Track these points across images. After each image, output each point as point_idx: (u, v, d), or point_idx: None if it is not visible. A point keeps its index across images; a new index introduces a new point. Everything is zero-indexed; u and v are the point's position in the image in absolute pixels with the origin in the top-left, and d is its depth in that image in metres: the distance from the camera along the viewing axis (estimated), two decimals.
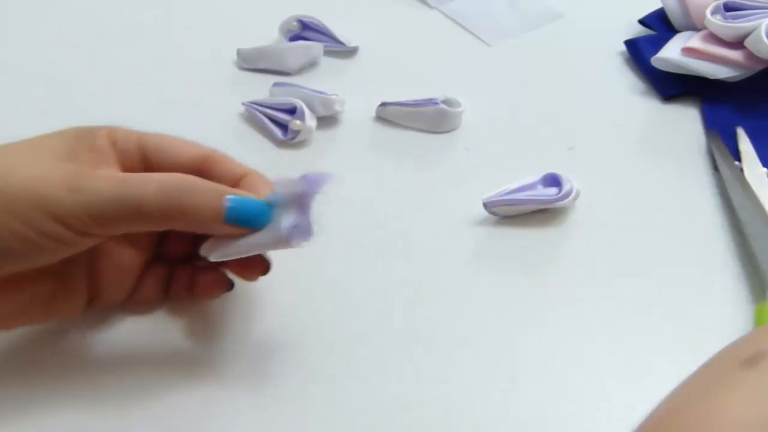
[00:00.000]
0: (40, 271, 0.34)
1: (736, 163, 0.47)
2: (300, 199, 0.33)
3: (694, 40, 0.51)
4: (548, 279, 0.42)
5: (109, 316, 0.39)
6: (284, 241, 0.34)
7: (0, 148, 0.34)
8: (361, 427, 0.36)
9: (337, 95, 0.50)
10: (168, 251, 0.39)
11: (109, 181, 0.32)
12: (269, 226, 0.34)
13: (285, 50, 0.54)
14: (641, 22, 0.57)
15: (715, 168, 0.48)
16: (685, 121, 0.51)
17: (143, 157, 0.36)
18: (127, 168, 0.36)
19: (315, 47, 0.54)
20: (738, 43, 0.50)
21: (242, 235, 0.34)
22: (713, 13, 0.51)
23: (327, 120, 0.50)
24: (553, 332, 0.39)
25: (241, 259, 0.35)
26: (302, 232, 0.33)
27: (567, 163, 0.47)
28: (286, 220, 0.34)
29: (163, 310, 0.40)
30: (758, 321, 0.38)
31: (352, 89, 0.52)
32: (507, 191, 0.44)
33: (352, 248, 0.43)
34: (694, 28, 0.53)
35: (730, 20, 0.50)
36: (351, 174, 0.47)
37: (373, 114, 0.51)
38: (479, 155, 0.49)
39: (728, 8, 0.51)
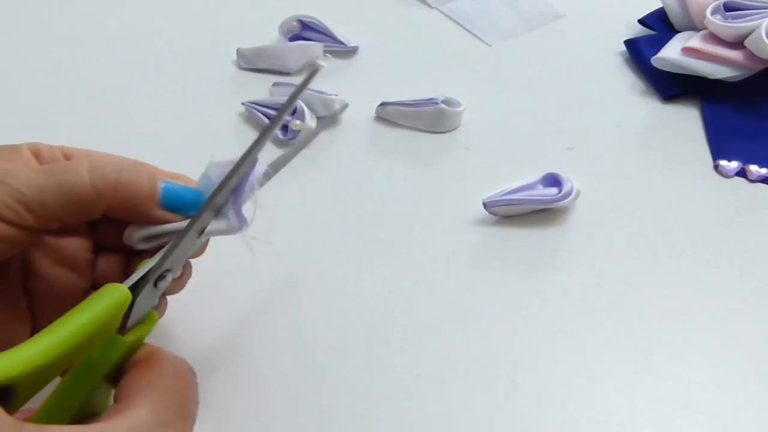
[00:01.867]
0: None
1: (737, 163, 0.47)
2: (235, 188, 0.33)
3: (694, 40, 0.51)
4: (548, 279, 0.42)
5: None
6: (222, 231, 0.33)
7: None
8: (361, 427, 0.36)
9: (337, 95, 0.50)
10: (103, 277, 0.36)
11: (38, 170, 0.31)
12: (199, 214, 0.33)
13: (285, 50, 0.54)
14: (641, 22, 0.58)
15: (716, 168, 0.48)
16: (685, 121, 0.51)
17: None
18: None
19: (315, 47, 0.54)
20: (738, 43, 0.50)
21: (168, 222, 0.33)
22: (713, 13, 0.51)
23: (327, 120, 0.50)
24: (553, 332, 0.39)
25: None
26: (233, 222, 0.33)
27: (567, 163, 0.47)
28: (216, 208, 0.33)
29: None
30: None
31: (352, 89, 0.52)
32: (507, 191, 0.44)
33: (352, 248, 0.43)
34: (694, 28, 0.53)
35: (730, 20, 0.50)
36: (351, 174, 0.47)
37: (373, 114, 0.51)
38: (479, 155, 0.49)
39: (728, 8, 0.51)
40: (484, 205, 0.44)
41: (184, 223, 0.33)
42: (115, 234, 0.35)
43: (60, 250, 0.35)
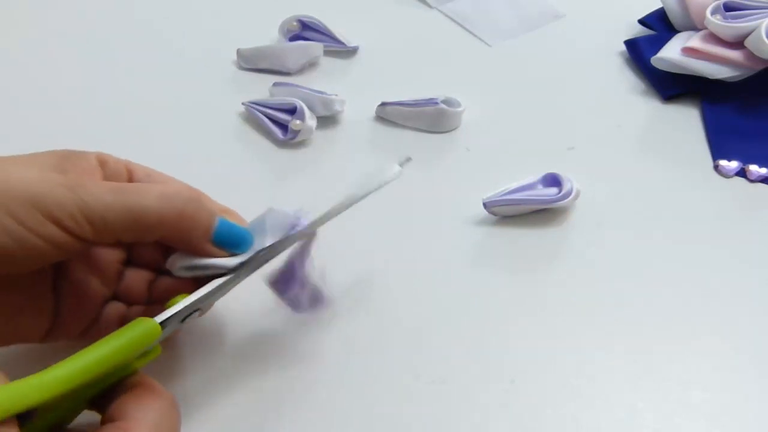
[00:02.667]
0: (3, 287, 0.33)
1: (737, 163, 0.47)
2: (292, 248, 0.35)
3: (694, 40, 0.51)
4: (548, 279, 0.42)
5: None
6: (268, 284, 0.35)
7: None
8: (361, 427, 0.36)
9: (337, 95, 0.50)
10: (125, 292, 0.37)
11: (108, 186, 0.32)
12: (248, 262, 0.34)
13: (285, 50, 0.54)
14: (641, 22, 0.58)
15: (716, 168, 0.48)
16: (685, 121, 0.51)
17: (129, 181, 0.36)
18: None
19: (315, 47, 0.54)
20: (738, 43, 0.50)
21: (213, 256, 0.34)
22: (713, 13, 0.51)
23: (327, 120, 0.50)
24: (553, 332, 0.39)
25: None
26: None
27: (567, 163, 0.47)
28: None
29: None
30: None
31: (352, 89, 0.52)
32: (507, 191, 0.44)
33: (352, 248, 0.43)
34: (694, 28, 0.53)
35: (730, 20, 0.50)
36: (351, 174, 0.47)
37: (373, 114, 0.51)
38: (479, 155, 0.49)
39: (728, 8, 0.51)
40: (484, 205, 0.44)
41: (227, 260, 0.34)
42: (149, 252, 0.37)
43: (94, 258, 0.36)
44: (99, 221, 0.31)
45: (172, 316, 0.32)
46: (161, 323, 0.31)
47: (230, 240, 0.34)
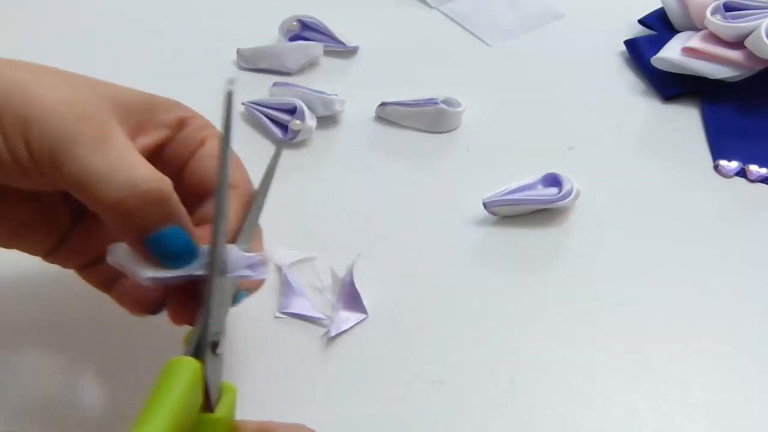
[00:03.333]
0: (21, 194, 0.33)
1: (737, 163, 0.47)
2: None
3: (694, 40, 0.51)
4: (548, 279, 0.42)
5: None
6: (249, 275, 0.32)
7: (71, 74, 0.34)
8: (362, 427, 0.36)
9: (337, 95, 0.50)
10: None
11: (101, 144, 0.31)
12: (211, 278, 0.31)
13: (285, 50, 0.54)
14: (641, 22, 0.57)
15: (716, 168, 0.48)
16: (685, 121, 0.51)
17: (192, 153, 0.35)
18: (168, 152, 0.35)
19: (315, 47, 0.54)
20: (738, 43, 0.50)
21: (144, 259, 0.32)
22: (713, 13, 0.51)
23: (327, 120, 0.50)
24: (553, 332, 0.39)
25: (181, 294, 0.33)
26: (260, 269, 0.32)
27: (567, 163, 0.47)
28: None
29: None
30: None
31: (352, 89, 0.52)
32: (507, 191, 0.44)
33: (351, 248, 0.43)
34: (694, 28, 0.53)
35: (730, 20, 0.50)
36: (351, 174, 0.47)
37: (373, 114, 0.51)
38: (479, 155, 0.49)
39: (728, 8, 0.51)
40: (484, 205, 0.44)
41: (143, 270, 0.31)
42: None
43: None
44: (57, 168, 0.30)
45: (195, 350, 0.30)
46: (194, 356, 0.30)
47: (164, 253, 0.31)
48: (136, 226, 0.31)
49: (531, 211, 0.44)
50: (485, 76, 0.54)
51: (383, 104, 0.50)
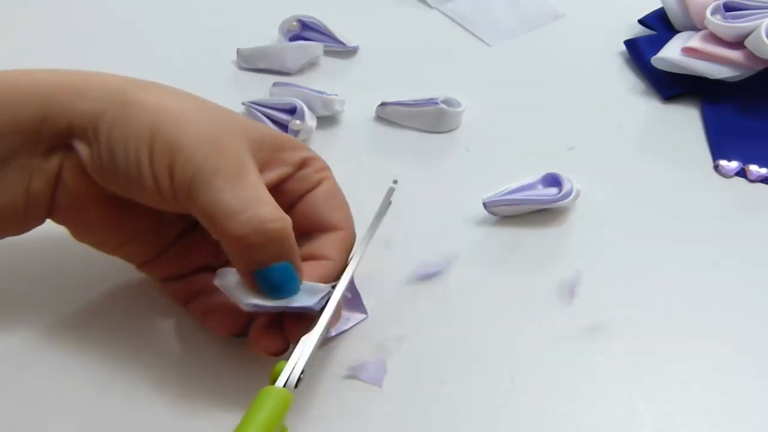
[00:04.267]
0: (146, 210, 0.36)
1: (737, 163, 0.47)
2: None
3: (694, 40, 0.51)
4: (548, 279, 0.42)
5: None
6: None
7: (208, 102, 0.37)
8: (361, 426, 0.36)
9: (337, 95, 0.50)
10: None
11: (235, 176, 0.33)
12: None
13: (285, 50, 0.54)
14: (641, 22, 0.57)
15: (716, 168, 0.48)
16: (685, 121, 0.51)
17: (307, 191, 0.38)
18: (285, 188, 0.37)
19: (315, 47, 0.54)
20: (738, 43, 0.50)
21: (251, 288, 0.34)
22: (713, 13, 0.51)
23: (327, 120, 0.50)
24: (554, 332, 0.39)
25: (266, 325, 0.35)
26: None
27: (567, 163, 0.47)
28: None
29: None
30: None
31: (352, 89, 0.52)
32: (507, 191, 0.44)
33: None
34: (694, 28, 0.53)
35: (730, 20, 0.50)
36: (351, 174, 0.47)
37: (373, 114, 0.51)
38: (479, 155, 0.49)
39: (728, 8, 0.51)
40: (484, 205, 0.44)
41: (251, 299, 0.34)
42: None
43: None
44: (193, 197, 0.33)
45: (289, 378, 0.33)
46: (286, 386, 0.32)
47: (270, 285, 0.34)
48: (253, 259, 0.33)
49: (531, 211, 0.44)
50: (485, 76, 0.54)
51: (383, 104, 0.50)
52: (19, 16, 0.59)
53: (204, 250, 0.38)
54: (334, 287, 0.35)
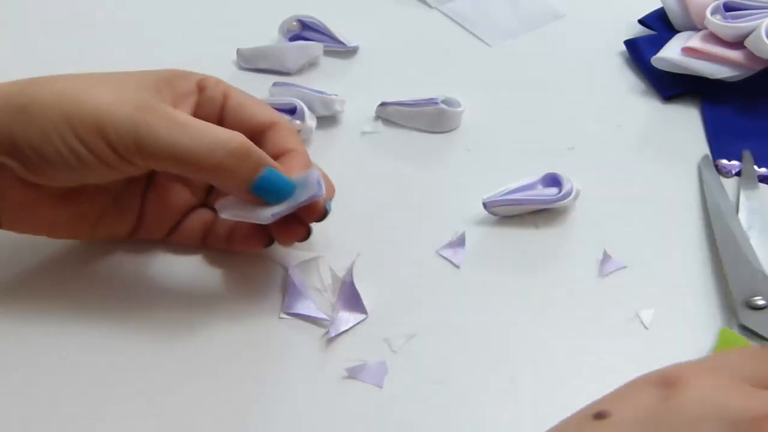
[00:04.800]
0: (95, 189, 0.38)
1: (737, 163, 0.47)
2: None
3: (694, 40, 0.51)
4: (548, 279, 0.42)
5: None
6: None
7: (98, 75, 0.37)
8: (361, 426, 0.36)
9: (337, 95, 0.50)
10: (215, 201, 0.40)
11: (171, 122, 0.35)
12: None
13: (285, 50, 0.54)
14: (641, 22, 0.57)
15: (716, 167, 0.48)
16: (685, 121, 0.51)
17: (221, 108, 0.40)
18: (201, 114, 0.39)
19: (315, 47, 0.54)
20: (738, 43, 0.50)
21: (255, 204, 0.37)
22: (713, 13, 0.51)
23: (327, 120, 0.50)
24: (553, 332, 0.39)
25: (281, 222, 0.37)
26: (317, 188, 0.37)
27: (567, 163, 0.47)
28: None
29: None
30: (720, 343, 0.38)
31: (352, 89, 0.52)
32: (507, 191, 0.44)
33: (351, 248, 0.43)
34: (694, 28, 0.53)
35: (730, 20, 0.50)
36: (351, 174, 0.47)
37: (373, 114, 0.51)
38: (479, 155, 0.49)
39: (728, 8, 0.51)
40: (484, 205, 0.44)
41: (262, 211, 0.36)
42: None
43: None
44: (147, 153, 0.34)
45: None
46: None
47: (267, 192, 0.36)
48: (239, 179, 0.36)
49: (531, 211, 0.44)
50: (485, 76, 0.54)
51: (383, 104, 0.50)
52: (19, 15, 0.59)
53: (176, 196, 0.41)
54: None
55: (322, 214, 0.38)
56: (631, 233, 0.44)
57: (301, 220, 0.38)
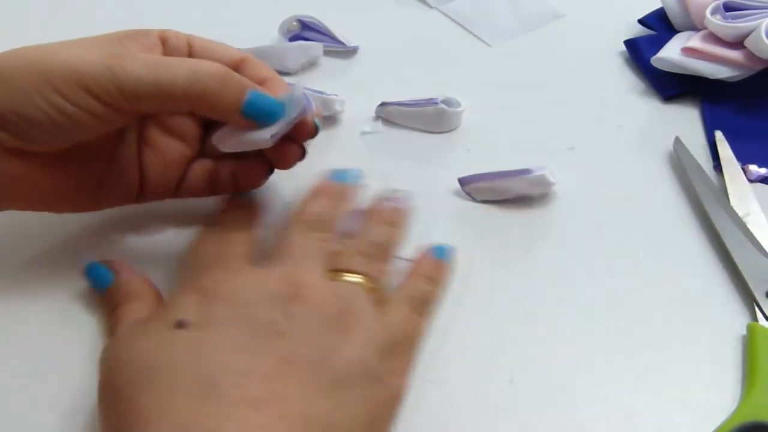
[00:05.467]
0: (88, 153, 0.38)
1: (737, 163, 0.47)
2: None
3: (694, 40, 0.51)
4: (548, 279, 0.42)
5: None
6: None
7: (63, 41, 0.36)
8: None
9: (337, 95, 0.50)
10: (210, 148, 0.41)
11: (145, 61, 0.35)
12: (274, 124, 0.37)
13: (285, 50, 0.54)
14: (641, 22, 0.58)
15: (715, 168, 0.48)
16: (685, 121, 0.51)
17: (189, 54, 0.40)
18: None
19: (315, 47, 0.54)
20: (738, 43, 0.50)
21: (251, 129, 0.37)
22: (713, 13, 0.51)
23: (327, 120, 0.50)
24: (553, 332, 0.39)
25: (277, 146, 0.38)
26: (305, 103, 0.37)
27: (567, 163, 0.47)
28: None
29: None
30: (752, 340, 0.38)
31: (352, 89, 0.52)
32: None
33: None
34: (694, 28, 0.53)
35: (730, 20, 0.50)
36: None
37: (373, 114, 0.51)
38: (479, 155, 0.49)
39: (728, 8, 0.51)
40: (460, 182, 0.45)
41: (260, 133, 0.37)
42: None
43: (170, 123, 0.41)
44: (131, 95, 0.34)
45: None
46: None
47: (259, 112, 0.37)
48: (229, 102, 0.36)
49: (513, 197, 0.45)
50: (485, 76, 0.55)
51: (383, 104, 0.50)
52: (19, 16, 0.59)
53: (172, 149, 0.41)
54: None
55: (313, 131, 0.39)
56: (631, 233, 0.44)
57: (296, 140, 0.39)
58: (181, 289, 0.35)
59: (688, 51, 0.51)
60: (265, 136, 0.37)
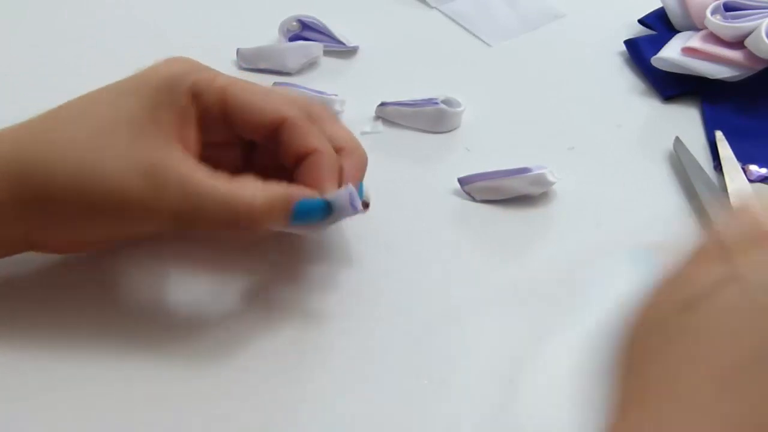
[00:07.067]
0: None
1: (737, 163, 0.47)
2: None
3: (694, 40, 0.51)
4: (548, 279, 0.42)
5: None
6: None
7: (76, 118, 0.37)
8: (361, 427, 0.36)
9: (337, 95, 0.50)
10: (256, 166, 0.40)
11: (184, 188, 0.34)
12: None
13: (285, 50, 0.54)
14: (641, 22, 0.58)
15: (715, 168, 0.48)
16: (685, 121, 0.51)
17: (224, 114, 0.37)
18: (206, 123, 0.37)
19: (315, 47, 0.54)
20: (738, 43, 0.50)
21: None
22: (713, 13, 0.51)
23: None
24: (553, 333, 0.39)
25: None
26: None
27: (567, 163, 0.47)
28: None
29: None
30: None
31: (352, 89, 0.52)
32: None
33: (350, 248, 0.43)
34: (694, 28, 0.53)
35: (730, 20, 0.50)
36: None
37: (373, 114, 0.51)
38: (479, 155, 0.49)
39: (728, 8, 0.51)
40: (460, 182, 0.45)
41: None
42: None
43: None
44: (168, 216, 0.35)
45: None
46: None
47: (308, 219, 0.36)
48: (276, 222, 0.36)
49: (511, 196, 0.45)
50: (485, 76, 0.55)
51: (383, 104, 0.50)
52: (18, 16, 0.59)
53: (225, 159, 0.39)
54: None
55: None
56: (631, 233, 0.44)
57: None
58: None
59: (688, 51, 0.51)
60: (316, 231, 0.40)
